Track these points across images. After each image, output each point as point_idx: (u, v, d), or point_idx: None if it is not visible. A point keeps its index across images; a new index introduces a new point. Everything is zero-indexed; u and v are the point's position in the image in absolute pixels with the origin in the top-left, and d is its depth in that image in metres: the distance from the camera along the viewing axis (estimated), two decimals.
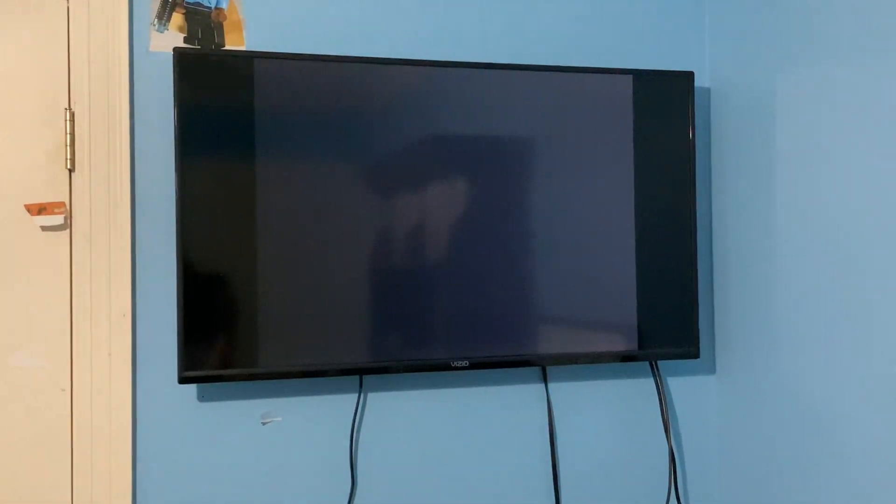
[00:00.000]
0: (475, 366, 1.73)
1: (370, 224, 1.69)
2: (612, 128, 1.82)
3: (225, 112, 1.62)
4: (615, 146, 1.82)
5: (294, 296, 1.64)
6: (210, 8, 1.69)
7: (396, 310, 1.70)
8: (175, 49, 1.60)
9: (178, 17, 1.68)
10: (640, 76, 1.83)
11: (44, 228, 1.60)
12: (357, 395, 1.74)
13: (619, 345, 1.83)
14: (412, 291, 1.71)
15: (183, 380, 1.58)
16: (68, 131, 1.61)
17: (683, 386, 1.96)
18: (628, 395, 1.91)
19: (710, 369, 1.96)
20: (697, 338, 1.86)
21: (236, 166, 1.62)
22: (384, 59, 1.72)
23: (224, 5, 1.70)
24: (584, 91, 1.81)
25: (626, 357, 1.84)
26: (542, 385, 1.86)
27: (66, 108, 1.61)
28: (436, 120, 1.73)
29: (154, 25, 1.67)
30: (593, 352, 1.82)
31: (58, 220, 1.60)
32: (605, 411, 1.90)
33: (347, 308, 1.68)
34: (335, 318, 1.67)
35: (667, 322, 1.85)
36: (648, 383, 1.92)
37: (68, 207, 1.61)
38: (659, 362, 1.91)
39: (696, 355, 1.86)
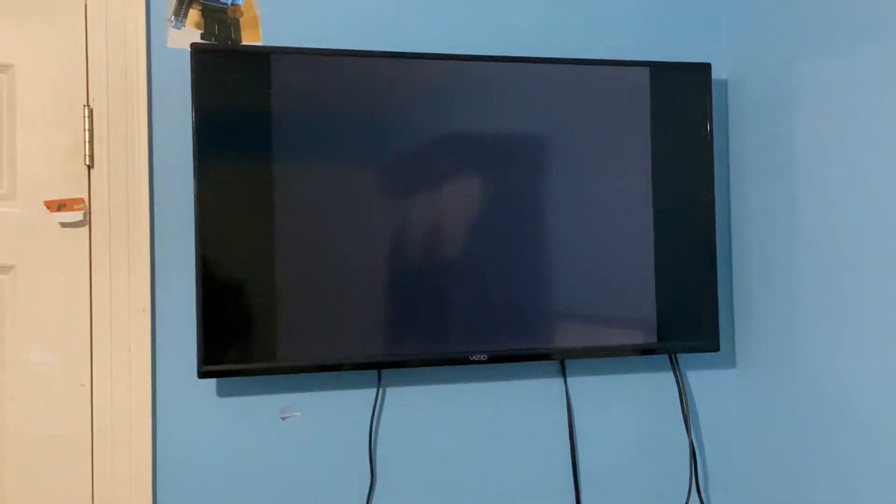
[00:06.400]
0: (494, 359, 1.72)
1: (389, 219, 1.69)
2: (630, 120, 1.82)
3: (243, 107, 1.63)
4: (633, 139, 1.82)
5: (313, 291, 1.64)
6: (227, 4, 1.70)
7: (415, 304, 1.70)
8: (192, 45, 1.61)
9: (194, 14, 1.68)
10: (657, 68, 1.83)
11: (63, 225, 1.61)
12: (376, 389, 1.74)
13: (639, 338, 1.82)
14: (430, 286, 1.71)
15: (203, 374, 1.58)
16: (87, 128, 1.61)
17: (703, 379, 1.94)
18: (647, 389, 1.90)
19: (731, 363, 1.95)
20: (718, 331, 1.84)
21: (255, 161, 1.63)
22: (401, 53, 1.71)
23: (240, 1, 1.70)
24: (602, 84, 1.80)
25: (646, 350, 1.83)
26: (561, 379, 1.85)
27: (84, 105, 1.62)
28: (453, 114, 1.73)
29: (171, 22, 1.67)
30: (612, 345, 1.81)
31: (77, 216, 1.61)
32: (624, 405, 1.89)
33: (366, 303, 1.68)
34: (354, 313, 1.67)
35: (686, 315, 1.84)
36: (668, 377, 1.90)
37: (87, 204, 1.62)
38: (678, 356, 1.90)
39: (716, 348, 1.85)
